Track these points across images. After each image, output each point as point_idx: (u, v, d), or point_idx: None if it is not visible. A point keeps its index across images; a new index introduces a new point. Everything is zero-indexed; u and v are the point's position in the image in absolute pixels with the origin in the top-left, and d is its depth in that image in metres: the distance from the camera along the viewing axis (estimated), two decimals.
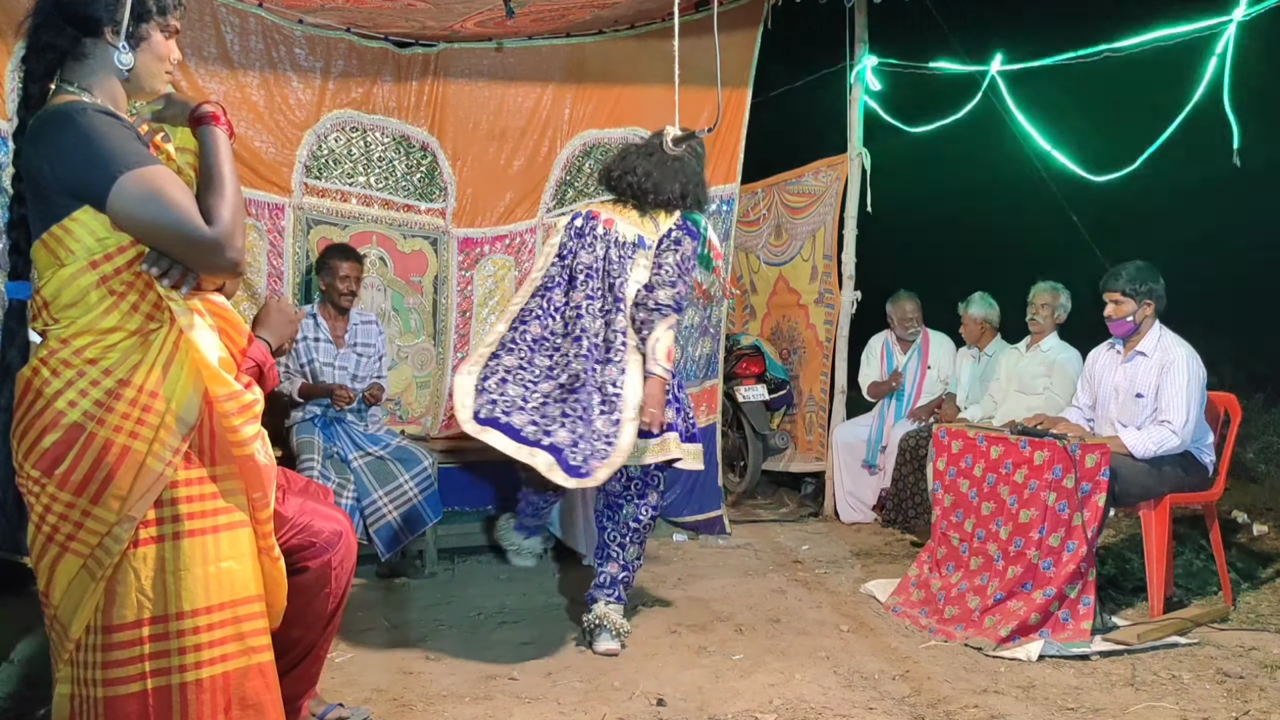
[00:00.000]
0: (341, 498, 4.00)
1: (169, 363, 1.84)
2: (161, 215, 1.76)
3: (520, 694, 3.03)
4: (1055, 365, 4.80)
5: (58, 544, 1.80)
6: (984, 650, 3.43)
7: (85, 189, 1.76)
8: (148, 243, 1.81)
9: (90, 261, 1.79)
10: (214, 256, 1.81)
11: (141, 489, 1.79)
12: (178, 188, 1.80)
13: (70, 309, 1.81)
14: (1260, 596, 4.00)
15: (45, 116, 1.81)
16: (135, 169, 1.75)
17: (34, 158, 1.79)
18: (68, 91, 1.87)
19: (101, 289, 1.80)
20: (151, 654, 1.80)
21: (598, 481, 3.15)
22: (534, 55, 4.86)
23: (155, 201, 1.76)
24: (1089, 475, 3.53)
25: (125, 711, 1.78)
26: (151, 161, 1.80)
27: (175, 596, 1.81)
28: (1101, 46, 4.38)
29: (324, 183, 4.60)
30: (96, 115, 1.79)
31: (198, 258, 1.82)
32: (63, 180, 1.77)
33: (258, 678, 1.91)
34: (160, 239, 1.80)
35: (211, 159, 1.90)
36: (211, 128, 1.94)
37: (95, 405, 1.79)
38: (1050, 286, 4.93)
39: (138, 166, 1.76)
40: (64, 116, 1.78)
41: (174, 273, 1.84)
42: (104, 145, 1.75)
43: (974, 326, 5.51)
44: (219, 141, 1.93)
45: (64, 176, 1.76)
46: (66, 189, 1.77)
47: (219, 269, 1.86)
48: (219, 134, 1.94)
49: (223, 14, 4.28)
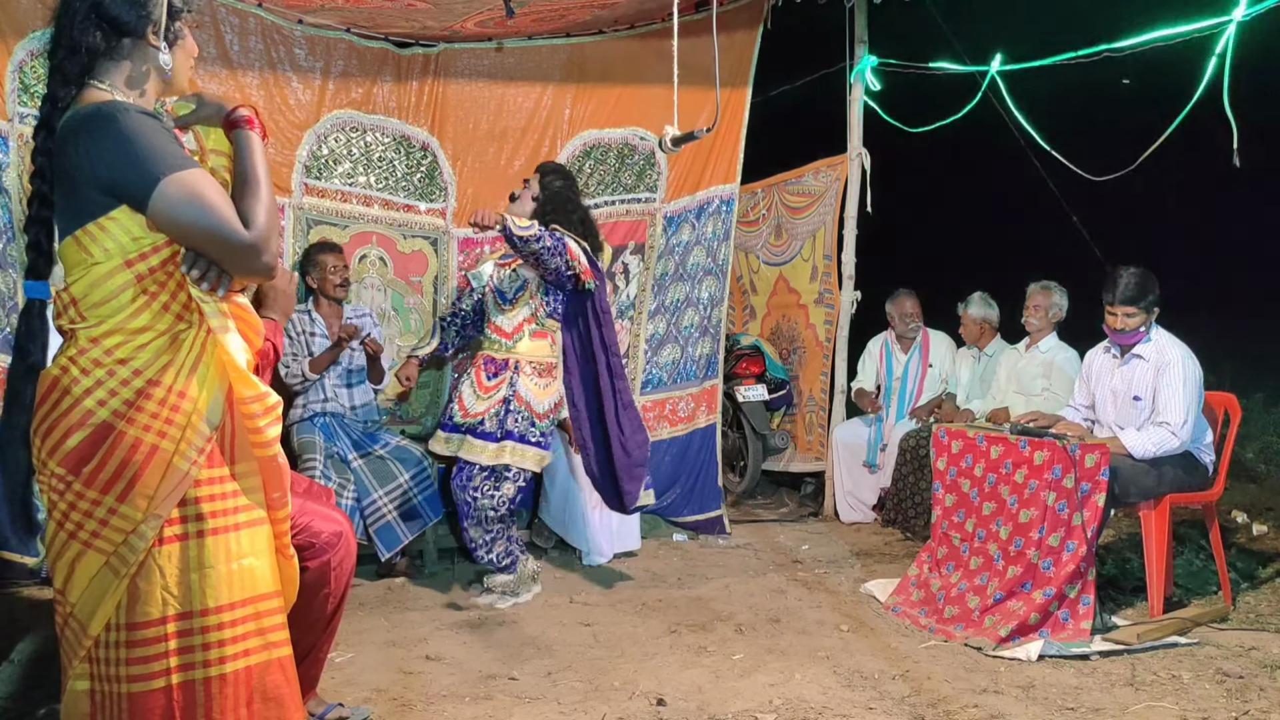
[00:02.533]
0: (341, 498, 4.00)
1: (196, 363, 1.86)
2: (202, 219, 1.78)
3: (520, 694, 3.03)
4: (1054, 366, 4.79)
5: (81, 541, 1.80)
6: (984, 650, 3.43)
7: (125, 189, 1.77)
8: (186, 244, 1.83)
9: (125, 260, 1.80)
10: (251, 259, 1.83)
11: (168, 488, 1.81)
12: (216, 191, 1.82)
13: (100, 307, 1.81)
14: (1260, 596, 4.00)
15: (85, 114, 1.81)
16: (176, 171, 1.77)
17: (72, 155, 1.79)
18: (101, 89, 1.87)
19: (136, 288, 1.81)
20: (177, 649, 1.82)
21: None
22: (534, 55, 4.86)
23: (196, 205, 1.77)
24: (1089, 475, 3.53)
25: (150, 707, 1.80)
26: (191, 164, 1.82)
27: (200, 593, 1.83)
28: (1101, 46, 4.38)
29: (324, 183, 4.60)
30: (139, 116, 1.80)
31: (235, 261, 1.84)
32: (101, 179, 1.77)
33: (278, 671, 1.93)
34: (199, 242, 1.81)
35: (247, 163, 1.92)
36: (246, 131, 1.96)
37: (125, 405, 1.80)
38: (1043, 286, 4.91)
39: (179, 169, 1.77)
40: (106, 116, 1.79)
41: (212, 275, 1.85)
42: (146, 146, 1.77)
43: (973, 327, 5.51)
44: (254, 145, 1.95)
45: (103, 175, 1.77)
46: (104, 188, 1.78)
47: (255, 272, 1.88)
48: (254, 138, 1.96)
49: (222, 14, 4.28)
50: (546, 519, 4.66)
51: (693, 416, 5.32)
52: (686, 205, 5.17)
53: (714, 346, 5.33)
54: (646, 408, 5.23)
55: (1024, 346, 4.99)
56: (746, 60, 5.08)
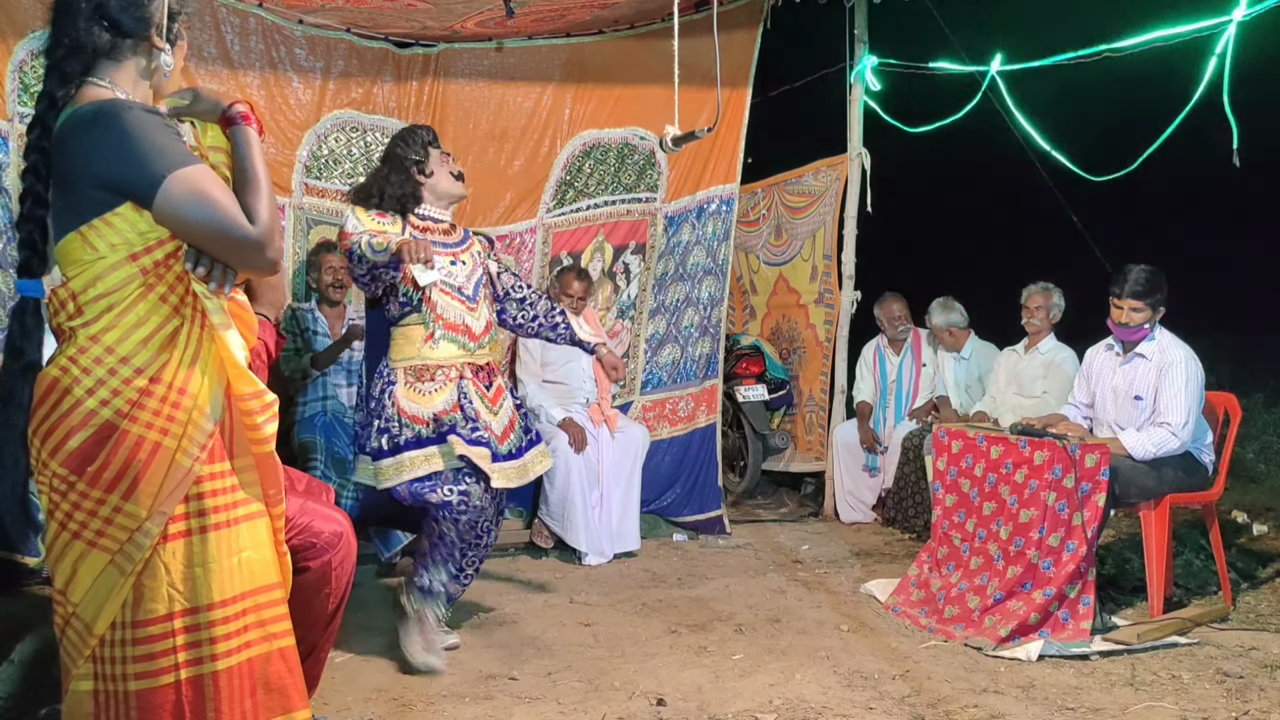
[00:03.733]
0: (342, 498, 4.01)
1: (195, 359, 1.86)
2: (208, 215, 1.78)
3: (520, 694, 3.03)
4: (1052, 366, 4.79)
5: (85, 541, 1.80)
6: (984, 650, 3.43)
7: (129, 186, 1.77)
8: (190, 241, 1.83)
9: (131, 254, 1.80)
10: (256, 255, 1.84)
11: (172, 485, 1.81)
12: (221, 188, 1.82)
13: (100, 301, 1.81)
14: (1260, 596, 4.00)
15: (86, 112, 1.80)
16: (180, 168, 1.77)
17: (73, 153, 1.79)
18: (101, 86, 1.86)
19: (140, 280, 1.82)
20: (185, 645, 1.82)
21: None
22: (534, 55, 4.86)
23: (201, 202, 1.77)
24: (1089, 475, 3.53)
25: (158, 703, 1.80)
26: (195, 161, 1.81)
27: (205, 588, 1.83)
28: (1101, 46, 4.38)
29: (324, 183, 4.60)
30: (142, 113, 1.80)
31: (240, 256, 1.84)
32: (104, 176, 1.77)
33: (280, 662, 1.93)
34: (204, 238, 1.81)
35: (246, 160, 1.92)
36: (243, 127, 1.96)
37: (128, 404, 1.79)
38: (1042, 287, 4.90)
39: (183, 166, 1.77)
40: (109, 114, 1.78)
41: (217, 272, 1.85)
42: (150, 143, 1.76)
43: (943, 335, 5.50)
44: (251, 141, 1.94)
45: (106, 173, 1.77)
46: (108, 185, 1.78)
47: (259, 268, 1.88)
48: (251, 133, 1.95)
49: (223, 14, 4.28)
50: (546, 519, 4.66)
51: (693, 416, 5.32)
52: (687, 205, 5.17)
53: (714, 346, 5.33)
54: (646, 407, 5.24)
55: (1023, 348, 4.98)
56: (746, 60, 5.08)
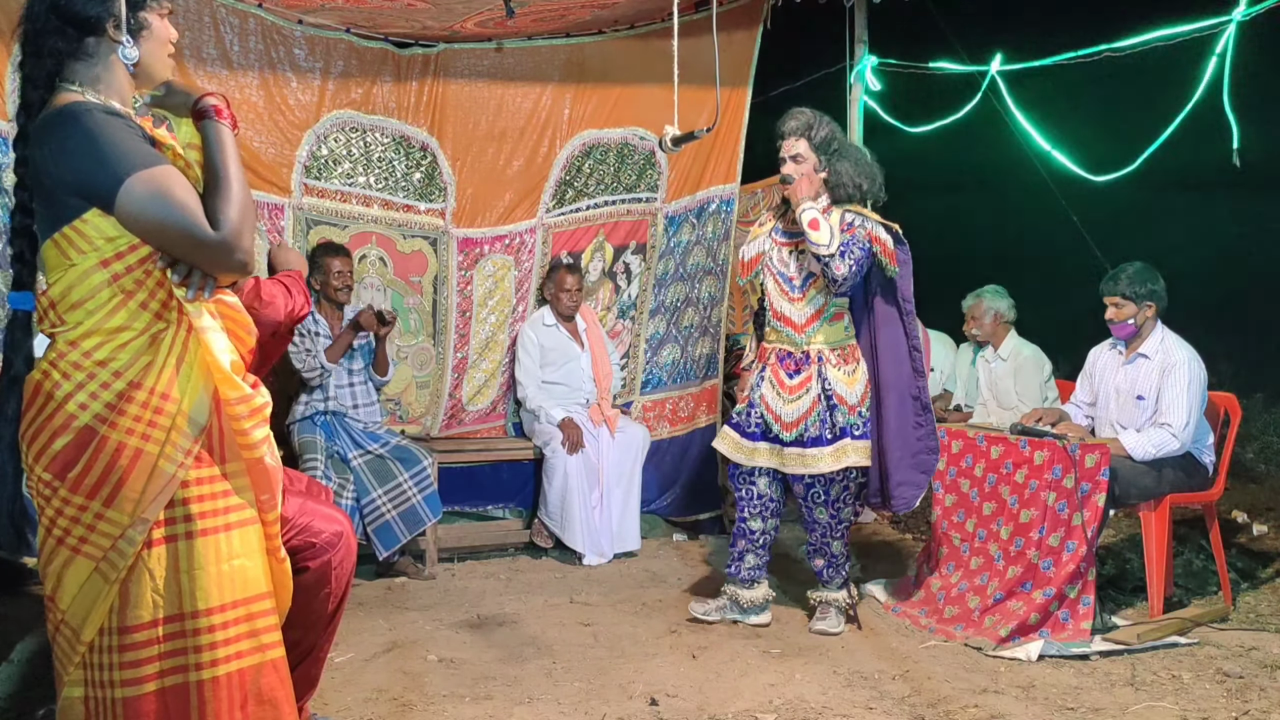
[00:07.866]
0: (341, 498, 4.01)
1: (179, 363, 1.83)
2: (168, 217, 1.75)
3: (520, 694, 3.03)
4: (1019, 370, 4.69)
5: (69, 547, 1.78)
6: (984, 650, 3.43)
7: (93, 190, 1.75)
8: (155, 244, 1.80)
9: (101, 261, 1.78)
10: (222, 258, 1.80)
11: (154, 491, 1.79)
12: (184, 188, 1.78)
13: (77, 309, 1.79)
14: (1260, 596, 4.00)
15: (50, 118, 1.79)
16: (142, 170, 1.74)
17: (41, 160, 1.78)
18: (70, 91, 1.84)
19: (112, 287, 1.79)
20: (168, 653, 1.80)
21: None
22: (534, 55, 4.86)
23: (161, 203, 1.74)
24: (1089, 475, 3.53)
25: (143, 711, 1.79)
26: (158, 161, 1.78)
27: (190, 595, 1.81)
28: (1101, 46, 4.38)
29: (323, 183, 4.59)
30: (102, 115, 1.77)
31: (206, 259, 1.81)
32: (69, 182, 1.75)
33: (272, 673, 1.91)
34: (167, 241, 1.79)
35: (216, 157, 1.87)
36: (215, 123, 1.90)
37: (107, 408, 1.78)
38: (975, 295, 4.85)
39: (144, 167, 1.74)
40: (69, 117, 1.76)
41: (195, 278, 1.83)
42: (110, 146, 1.74)
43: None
44: (223, 138, 1.89)
45: (69, 178, 1.75)
46: (74, 190, 1.76)
47: (228, 269, 1.85)
48: (223, 130, 1.90)
49: (222, 14, 4.27)
50: (546, 519, 4.66)
51: (693, 416, 5.32)
52: (687, 205, 5.17)
53: (714, 346, 5.34)
54: (647, 408, 5.24)
55: (989, 354, 4.87)
56: (746, 60, 5.08)
